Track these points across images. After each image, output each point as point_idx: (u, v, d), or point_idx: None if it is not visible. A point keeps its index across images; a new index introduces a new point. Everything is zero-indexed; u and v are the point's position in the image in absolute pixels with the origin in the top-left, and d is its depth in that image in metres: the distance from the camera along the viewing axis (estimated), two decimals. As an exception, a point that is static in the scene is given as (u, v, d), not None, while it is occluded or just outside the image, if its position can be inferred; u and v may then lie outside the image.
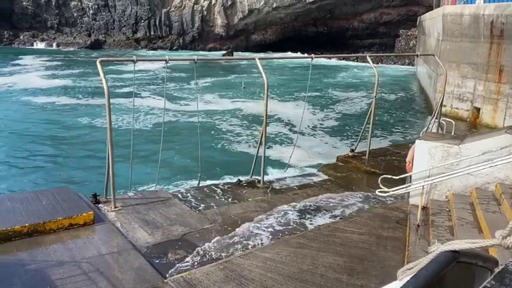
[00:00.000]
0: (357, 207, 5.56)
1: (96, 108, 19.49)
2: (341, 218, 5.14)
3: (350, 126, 16.20)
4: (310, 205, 5.54)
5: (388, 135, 15.28)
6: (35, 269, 3.58)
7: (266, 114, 6.26)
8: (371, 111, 7.67)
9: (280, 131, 15.24)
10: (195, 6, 54.14)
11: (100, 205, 5.08)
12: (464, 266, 1.03)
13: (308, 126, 15.98)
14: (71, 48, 58.02)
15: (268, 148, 9.03)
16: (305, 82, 26.95)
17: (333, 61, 41.83)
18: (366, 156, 7.62)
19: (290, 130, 15.21)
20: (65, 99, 22.19)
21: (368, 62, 7.94)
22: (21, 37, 65.11)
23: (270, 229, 4.79)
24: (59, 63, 40.97)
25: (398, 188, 4.89)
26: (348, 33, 53.37)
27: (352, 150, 8.02)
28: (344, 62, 40.16)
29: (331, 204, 5.63)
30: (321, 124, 16.11)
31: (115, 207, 5.04)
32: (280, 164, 11.13)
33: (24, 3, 63.88)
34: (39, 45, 63.02)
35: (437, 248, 1.00)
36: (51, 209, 4.41)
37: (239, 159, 12.69)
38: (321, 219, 5.11)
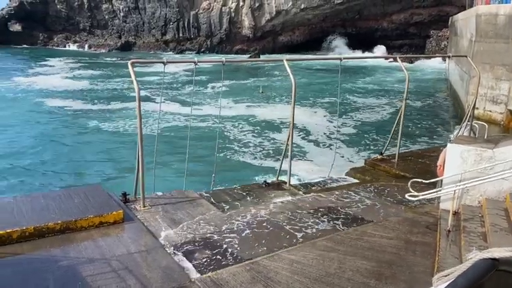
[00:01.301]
0: (386, 211, 5.46)
1: (111, 112, 19.94)
2: (369, 222, 5.07)
3: (368, 134, 15.89)
4: (337, 208, 5.48)
5: (417, 138, 14.97)
6: (67, 265, 3.68)
7: (293, 116, 6.24)
8: (400, 113, 7.54)
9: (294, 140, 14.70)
10: (223, 8, 54.54)
11: (129, 204, 5.18)
12: (503, 274, 0.99)
13: (325, 134, 15.76)
14: (102, 50, 59.43)
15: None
16: (327, 86, 26.77)
17: (362, 62, 41.24)
18: (396, 160, 7.49)
19: (304, 139, 14.86)
20: (79, 102, 22.73)
21: (399, 63, 7.81)
22: (55, 39, 67.11)
23: (296, 231, 4.76)
24: (82, 64, 42.09)
25: (428, 192, 4.79)
26: (377, 33, 52.59)
27: (381, 153, 7.89)
28: (372, 63, 39.52)
29: (359, 207, 5.56)
30: (338, 132, 15.73)
31: (144, 206, 5.13)
32: (303, 170, 11.07)
33: (58, 6, 65.83)
34: (72, 47, 64.84)
35: (475, 255, 0.97)
36: (83, 207, 4.53)
37: (262, 164, 12.70)
38: (349, 223, 5.05)
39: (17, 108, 20.50)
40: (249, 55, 48.17)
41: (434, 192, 4.84)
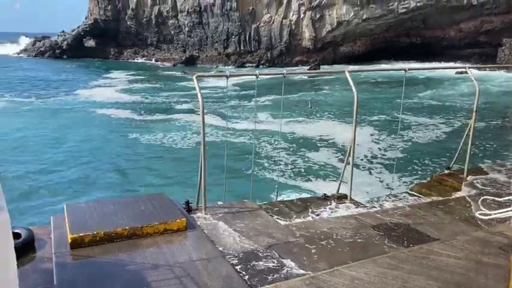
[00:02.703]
0: (454, 229, 5.18)
1: (154, 122, 20.74)
2: (435, 240, 4.83)
3: (430, 151, 15.18)
4: (400, 224, 5.29)
5: (487, 152, 14.13)
6: (133, 270, 3.84)
7: (355, 129, 6.13)
8: (470, 125, 7.15)
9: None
10: (284, 20, 55.04)
11: (191, 212, 5.33)
12: None
13: (384, 149, 15.25)
14: (168, 64, 62.19)
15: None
16: (387, 99, 25.86)
17: (427, 73, 39.65)
18: (464, 175, 7.10)
19: (362, 154, 14.41)
20: (127, 112, 23.96)
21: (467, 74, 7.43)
22: (124, 54, 71.13)
23: (357, 247, 4.65)
24: (140, 77, 44.40)
25: (502, 210, 4.49)
26: (443, 43, 50.44)
27: (448, 168, 7.52)
28: (438, 75, 37.88)
29: (424, 224, 5.32)
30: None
31: (206, 215, 5.25)
32: (364, 184, 10.79)
33: (128, 22, 69.84)
34: (140, 60, 68.42)
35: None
36: (149, 214, 4.72)
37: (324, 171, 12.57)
38: (413, 240, 4.84)
39: (74, 119, 22.12)
40: (308, 66, 48.07)
41: (508, 211, 4.53)
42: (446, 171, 7.46)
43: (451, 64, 44.16)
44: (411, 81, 33.29)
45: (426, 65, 46.88)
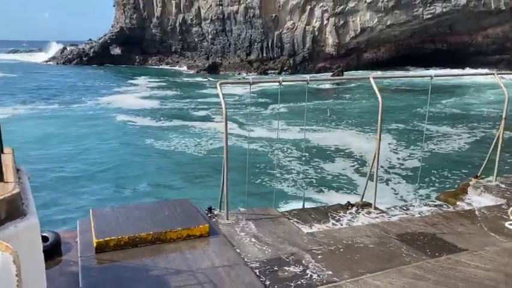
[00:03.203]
0: (482, 239, 5.04)
1: (171, 129, 21.07)
2: (462, 250, 4.71)
3: (455, 160, 14.83)
4: (426, 233, 5.17)
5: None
6: (156, 275, 3.88)
7: (380, 134, 6.05)
8: (499, 133, 6.97)
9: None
10: (307, 27, 54.99)
11: (214, 218, 5.35)
12: None
13: (408, 158, 15.01)
14: (191, 71, 63.02)
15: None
16: (410, 106, 25.33)
17: (453, 80, 38.89)
18: (493, 184, 6.90)
19: (385, 163, 14.20)
20: (146, 120, 24.39)
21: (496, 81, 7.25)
22: (149, 61, 72.43)
23: (382, 256, 4.57)
24: (161, 84, 45.32)
25: (533, 221, 4.34)
26: (470, 49, 49.42)
27: (476, 177, 7.33)
28: (464, 81, 37.09)
29: (451, 234, 5.19)
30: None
31: (228, 221, 5.26)
32: (387, 191, 10.62)
33: (153, 30, 71.08)
34: (165, 67, 69.70)
35: None
36: (172, 219, 4.76)
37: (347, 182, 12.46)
38: (439, 250, 4.73)
39: (93, 126, 22.70)
40: (331, 73, 47.84)
41: (540, 221, 4.38)
42: (474, 180, 7.28)
43: (478, 70, 43.21)
44: (436, 88, 32.69)
45: (453, 71, 46.00)
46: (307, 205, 6.52)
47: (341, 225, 5.51)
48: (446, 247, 4.81)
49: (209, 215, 5.37)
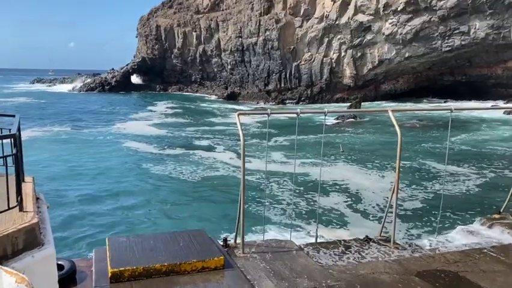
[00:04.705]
0: (508, 279, 4.83)
1: (171, 157, 21.25)
2: (487, 291, 4.52)
3: (475, 195, 14.42)
4: (449, 272, 4.99)
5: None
6: None
7: (399, 168, 5.96)
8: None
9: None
10: (324, 58, 55.49)
11: (229, 250, 5.27)
12: None
13: (427, 192, 14.70)
14: (213, 97, 64.41)
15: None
16: (425, 141, 24.86)
17: (473, 113, 38.35)
18: (517, 220, 6.67)
19: (402, 198, 13.81)
20: (151, 147, 24.74)
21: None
22: (169, 90, 73.86)
23: (402, 294, 4.41)
24: (175, 111, 46.23)
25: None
26: (490, 81, 48.99)
27: (499, 212, 7.12)
28: (484, 115, 36.53)
29: (475, 272, 5.00)
30: (444, 190, 14.45)
31: (244, 253, 5.18)
32: (406, 225, 10.38)
33: (174, 61, 72.79)
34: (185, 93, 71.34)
35: None
36: (187, 250, 4.71)
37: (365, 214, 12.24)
38: (463, 290, 4.55)
39: (99, 150, 23.32)
40: (349, 104, 47.84)
41: None
42: (496, 216, 7.06)
43: (499, 103, 42.69)
44: (460, 122, 32.17)
45: (472, 103, 45.53)
46: (328, 239, 6.43)
47: (359, 260, 5.37)
48: (470, 285, 4.62)
49: (224, 247, 5.30)
